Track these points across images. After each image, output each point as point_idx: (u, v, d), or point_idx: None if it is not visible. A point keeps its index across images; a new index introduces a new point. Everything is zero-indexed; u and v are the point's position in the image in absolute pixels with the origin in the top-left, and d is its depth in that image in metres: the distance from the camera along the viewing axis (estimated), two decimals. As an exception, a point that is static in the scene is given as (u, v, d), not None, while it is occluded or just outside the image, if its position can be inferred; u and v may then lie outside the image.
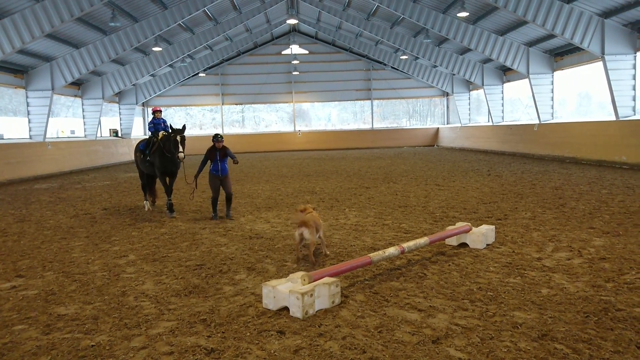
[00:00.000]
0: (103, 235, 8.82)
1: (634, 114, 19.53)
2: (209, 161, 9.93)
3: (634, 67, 19.32)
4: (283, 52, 39.80)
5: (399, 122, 43.00)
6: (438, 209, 10.38)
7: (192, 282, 5.86)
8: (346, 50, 40.31)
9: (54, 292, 5.66)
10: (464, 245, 7.20)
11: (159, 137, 10.77)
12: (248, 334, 4.35)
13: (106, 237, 8.66)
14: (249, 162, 26.98)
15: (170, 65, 34.94)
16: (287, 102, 41.36)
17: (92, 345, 4.22)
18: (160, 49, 27.87)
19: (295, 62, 38.93)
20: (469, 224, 7.36)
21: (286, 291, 4.81)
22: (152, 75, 35.41)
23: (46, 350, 4.16)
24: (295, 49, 38.43)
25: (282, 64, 40.14)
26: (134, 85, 34.98)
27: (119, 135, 34.91)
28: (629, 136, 18.55)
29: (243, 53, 40.05)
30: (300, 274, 5.05)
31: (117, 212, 11.34)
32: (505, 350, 3.89)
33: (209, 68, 39.17)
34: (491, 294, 5.16)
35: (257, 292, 5.37)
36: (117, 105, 35.89)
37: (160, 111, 11.60)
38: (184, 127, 10.53)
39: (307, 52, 39.80)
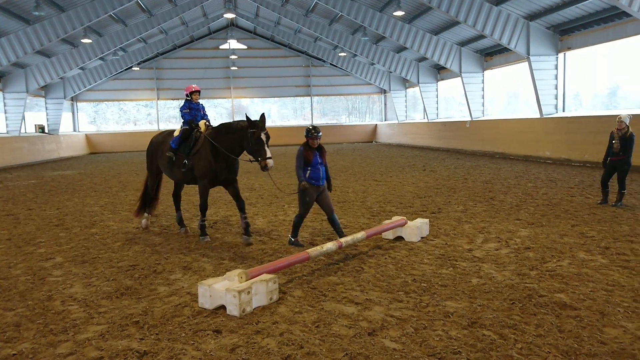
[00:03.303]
0: (27, 237, 8.31)
1: (557, 112, 20.77)
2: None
3: (556, 67, 20.53)
4: (221, 47, 39.08)
5: (338, 119, 43.42)
6: (375, 203, 10.57)
7: (124, 284, 5.64)
8: (285, 46, 40.16)
9: (-30, 299, 5.27)
10: (399, 238, 7.38)
11: (203, 130, 7.81)
12: (183, 334, 4.25)
13: (31, 238, 8.16)
14: (186, 159, 26.29)
15: (102, 58, 33.39)
16: (225, 98, 40.67)
17: (14, 354, 3.97)
18: (90, 40, 26.55)
19: (233, 57, 38.34)
20: (405, 217, 7.56)
21: (223, 289, 4.73)
22: (82, 68, 33.70)
23: (-39, 362, 3.87)
24: (233, 43, 37.84)
25: (220, 59, 39.40)
26: (61, 78, 33.14)
27: (46, 131, 33.02)
28: (553, 133, 19.74)
29: (179, 47, 38.95)
30: (237, 271, 4.99)
31: (44, 213, 10.72)
32: (438, 339, 4.02)
33: (144, 62, 37.78)
34: (425, 285, 5.32)
35: (193, 291, 5.25)
36: (43, 99, 33.89)
37: (199, 92, 8.34)
38: (263, 116, 7.02)
39: (245, 47, 39.30)
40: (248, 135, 6.93)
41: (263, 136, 6.85)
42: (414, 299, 4.91)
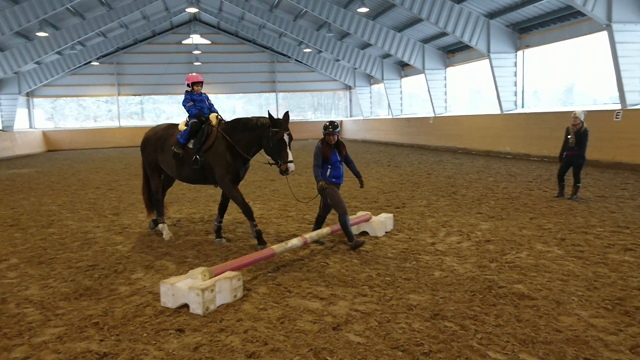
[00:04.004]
0: (-21, 238, 7.97)
1: (516, 108, 21.34)
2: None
3: (515, 65, 21.10)
4: (184, 42, 38.35)
5: (304, 115, 43.38)
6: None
7: (83, 284, 5.49)
8: (250, 41, 39.81)
9: None
10: (364, 233, 7.44)
11: (215, 123, 7.06)
12: (145, 334, 4.17)
13: (-17, 240, 7.83)
14: (149, 156, 25.76)
15: (59, 53, 32.30)
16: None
17: (-36, 360, 3.81)
18: (46, 34, 25.61)
19: (197, 52, 37.75)
20: (369, 213, 7.63)
21: (185, 288, 4.66)
22: (38, 62, 32.54)
23: None
24: (196, 38, 37.21)
25: (183, 54, 38.70)
26: (15, 73, 31.88)
27: (0, 128, 31.73)
28: (512, 128, 20.29)
29: (140, 41, 38.06)
30: (200, 269, 4.92)
31: (-3, 213, 10.31)
32: (401, 331, 4.07)
33: (103, 56, 36.74)
34: (389, 279, 5.38)
35: (156, 290, 5.15)
36: (-4, 95, 32.55)
37: (202, 82, 7.51)
38: (287, 115, 6.50)
39: (209, 42, 38.70)
40: (269, 134, 6.35)
41: (286, 137, 6.32)
42: (378, 293, 4.96)
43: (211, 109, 7.50)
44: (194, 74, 7.47)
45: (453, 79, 27.06)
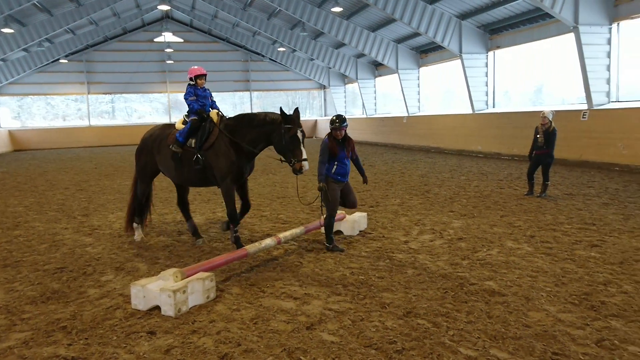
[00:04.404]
0: (-59, 241, 7.69)
1: (487, 108, 21.71)
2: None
3: (486, 65, 21.45)
4: (155, 40, 37.78)
5: (278, 114, 43.18)
6: (315, 198, 10.61)
7: (50, 287, 5.35)
8: (223, 40, 39.43)
9: None
10: (338, 232, 7.45)
11: (216, 120, 6.69)
12: (115, 337, 4.08)
13: (-55, 243, 7.56)
14: (119, 156, 25.33)
15: (25, 50, 31.40)
16: (161, 92, 39.39)
17: None
18: (12, 30, 24.89)
19: (169, 50, 37.19)
20: (344, 212, 7.64)
21: (157, 289, 4.59)
22: (3, 60, 31.57)
23: None
24: (168, 36, 36.69)
25: (155, 52, 38.08)
26: (-20, 70, 30.92)
27: (-37, 127, 30.70)
28: (484, 128, 20.64)
29: (111, 39, 37.27)
30: (172, 270, 4.85)
31: (-40, 214, 9.96)
32: (374, 329, 4.09)
33: (72, 54, 35.86)
34: (362, 277, 5.40)
35: (126, 293, 5.05)
36: (-41, 92, 31.48)
37: (205, 75, 7.04)
38: (297, 111, 6.22)
39: (181, 40, 38.22)
40: (281, 131, 6.08)
41: (299, 134, 6.04)
42: (351, 292, 4.97)
43: (212, 105, 7.13)
44: (195, 66, 7.08)
45: (426, 79, 27.35)
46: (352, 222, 7.38)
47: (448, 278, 5.29)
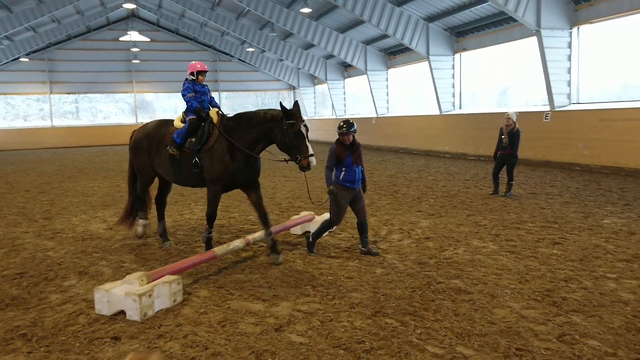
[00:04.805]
0: None
1: (454, 109, 22.09)
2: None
3: (453, 67, 21.83)
4: (121, 39, 36.98)
5: (248, 115, 42.85)
6: (284, 199, 10.60)
7: (9, 294, 5.16)
8: (191, 39, 38.90)
9: None
10: (307, 233, 7.44)
11: (216, 120, 6.27)
12: (77, 344, 3.97)
13: None
14: (84, 157, 24.69)
15: (-17, 47, 30.32)
16: (127, 92, 38.57)
17: None
18: (-31, 27, 23.97)
19: (135, 49, 36.47)
20: (313, 213, 7.65)
21: (122, 294, 4.49)
22: (-41, 57, 30.41)
23: None
24: (134, 35, 35.98)
25: (121, 51, 37.26)
26: None
27: None
28: (451, 129, 20.99)
29: (74, 37, 36.28)
30: (138, 274, 4.75)
31: None
32: (343, 330, 4.10)
33: (33, 52, 34.75)
34: (331, 278, 5.41)
35: (90, 298, 4.92)
36: None
37: (206, 72, 6.70)
38: (297, 105, 5.91)
39: (148, 39, 37.54)
40: (284, 127, 5.74)
41: (303, 129, 5.75)
42: (320, 292, 4.97)
43: (212, 102, 6.72)
44: (194, 62, 6.71)
45: (395, 80, 27.64)
46: (321, 222, 7.36)
47: (416, 277, 5.35)
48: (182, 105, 37.80)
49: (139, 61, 37.42)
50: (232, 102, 42.29)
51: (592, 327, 4.02)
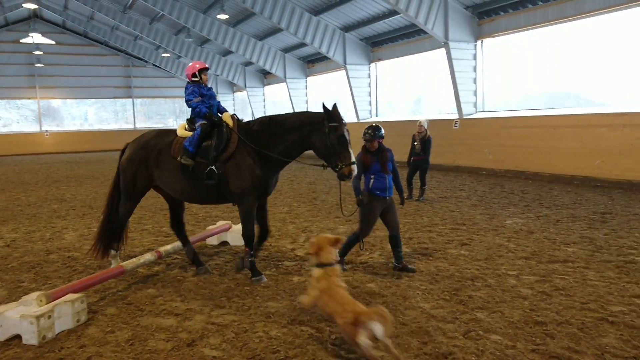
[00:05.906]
0: None
1: (371, 117, 22.73)
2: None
3: (369, 76, 22.51)
4: (22, 41, 34.41)
5: (165, 122, 41.47)
6: (201, 209, 10.32)
7: None
8: (101, 43, 37.06)
9: None
10: (225, 243, 7.30)
11: (231, 125, 5.66)
12: (-38, 375, 3.60)
13: None
14: (-20, 168, 22.63)
15: None
16: (30, 98, 35.93)
17: None
18: None
19: (38, 52, 34.12)
20: (230, 222, 7.51)
21: (17, 317, 4.13)
22: None
23: None
24: (37, 37, 33.64)
25: (22, 54, 34.68)
26: None
27: None
28: (368, 136, 21.52)
29: (-32, 38, 33.36)
30: (35, 294, 4.39)
31: None
32: (258, 340, 4.04)
33: None
34: (248, 288, 5.33)
35: (-21, 322, 4.48)
36: None
37: (208, 69, 6.15)
38: (336, 107, 5.54)
39: (53, 42, 35.19)
40: (325, 130, 5.25)
41: (346, 133, 5.30)
42: (236, 304, 4.87)
43: (219, 107, 6.11)
44: (195, 62, 6.10)
45: (314, 88, 27.99)
46: (238, 232, 7.23)
47: (332, 283, 5.38)
48: (93, 112, 35.34)
49: (42, 65, 35.03)
50: (147, 109, 40.78)
51: (494, 323, 4.26)
